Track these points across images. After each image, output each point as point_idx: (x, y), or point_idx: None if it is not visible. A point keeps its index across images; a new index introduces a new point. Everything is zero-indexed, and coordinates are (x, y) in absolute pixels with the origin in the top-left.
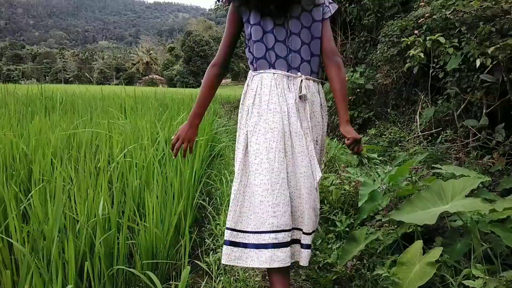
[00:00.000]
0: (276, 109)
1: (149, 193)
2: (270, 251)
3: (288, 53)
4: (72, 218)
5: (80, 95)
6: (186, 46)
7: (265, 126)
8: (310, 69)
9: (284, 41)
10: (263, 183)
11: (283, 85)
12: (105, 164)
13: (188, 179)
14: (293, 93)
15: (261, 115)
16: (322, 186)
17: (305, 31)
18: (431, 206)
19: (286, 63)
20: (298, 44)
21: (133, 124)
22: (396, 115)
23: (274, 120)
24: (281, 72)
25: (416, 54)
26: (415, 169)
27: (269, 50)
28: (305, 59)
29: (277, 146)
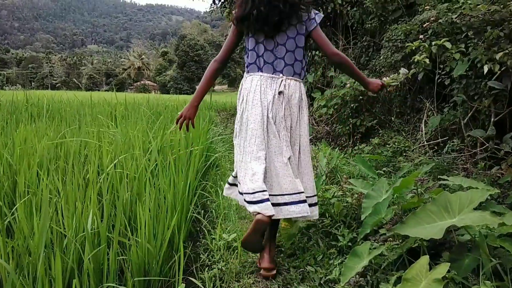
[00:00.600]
0: (257, 104)
1: (141, 206)
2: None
3: (274, 60)
4: (59, 232)
5: (68, 102)
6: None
7: (249, 118)
8: (293, 71)
9: (272, 50)
10: (246, 160)
11: (266, 85)
12: (94, 176)
13: (182, 191)
14: (273, 90)
15: (247, 109)
16: (323, 199)
17: (290, 41)
18: (437, 220)
19: (272, 67)
20: (283, 52)
21: (124, 133)
22: (400, 124)
23: (256, 112)
24: (267, 75)
25: (421, 59)
26: (420, 181)
27: (259, 57)
28: (288, 63)
29: (257, 133)
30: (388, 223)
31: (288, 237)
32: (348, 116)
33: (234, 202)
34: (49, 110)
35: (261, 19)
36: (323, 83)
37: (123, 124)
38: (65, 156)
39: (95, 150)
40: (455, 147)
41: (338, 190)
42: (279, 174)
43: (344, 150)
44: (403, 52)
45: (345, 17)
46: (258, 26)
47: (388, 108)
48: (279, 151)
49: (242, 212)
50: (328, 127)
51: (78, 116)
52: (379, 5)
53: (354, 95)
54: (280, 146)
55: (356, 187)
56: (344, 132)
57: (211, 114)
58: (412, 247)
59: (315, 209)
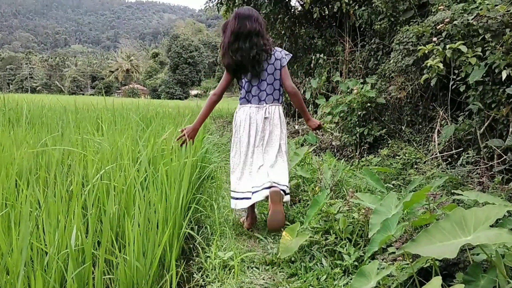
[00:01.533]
0: (246, 130)
1: (130, 220)
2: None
3: (259, 92)
4: (40, 249)
5: (50, 107)
6: (172, 52)
7: (240, 140)
8: (273, 98)
9: (257, 85)
10: (237, 171)
11: (255, 112)
12: (78, 187)
13: (174, 205)
14: (260, 115)
15: (240, 135)
16: (328, 214)
17: (270, 76)
18: (451, 238)
19: (258, 98)
20: (265, 86)
21: (111, 141)
22: (411, 133)
23: (244, 131)
24: (254, 105)
25: (435, 64)
26: (433, 195)
27: (247, 93)
28: (269, 93)
29: (244, 143)
30: (398, 241)
31: (286, 250)
32: (355, 125)
33: (230, 217)
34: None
35: (244, 67)
36: (328, 89)
37: (110, 131)
38: (47, 165)
39: (80, 159)
40: (470, 159)
41: (344, 205)
42: (256, 175)
43: (350, 161)
44: (415, 56)
45: (353, 17)
46: (244, 71)
47: (398, 116)
48: (256, 163)
49: (239, 229)
50: (333, 137)
51: (60, 122)
52: (389, 4)
53: (362, 102)
54: (257, 159)
55: (363, 201)
56: (350, 142)
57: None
58: (423, 267)
59: (287, 196)
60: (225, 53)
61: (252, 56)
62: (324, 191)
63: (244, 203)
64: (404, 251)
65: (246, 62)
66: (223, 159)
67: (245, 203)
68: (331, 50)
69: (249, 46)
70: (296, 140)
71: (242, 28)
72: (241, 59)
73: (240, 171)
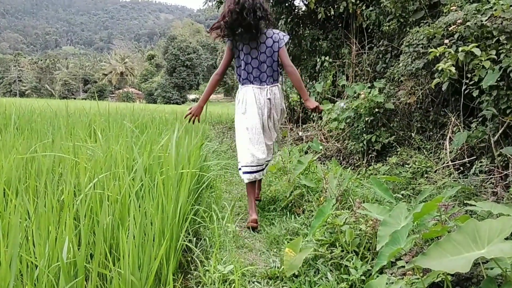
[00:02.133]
0: (254, 105)
1: (124, 232)
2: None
3: (260, 74)
4: (30, 262)
5: (40, 112)
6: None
7: (249, 114)
8: (273, 79)
9: (257, 67)
10: (247, 142)
11: (258, 92)
12: (70, 197)
13: (171, 216)
14: (263, 96)
15: (246, 109)
16: (333, 225)
17: (269, 59)
18: (463, 251)
19: (259, 79)
20: (265, 68)
21: (105, 148)
22: (421, 141)
23: (253, 111)
24: (256, 86)
25: (446, 68)
26: (444, 206)
27: (249, 74)
28: (269, 75)
29: (257, 124)
30: (408, 254)
31: (290, 267)
32: (362, 132)
33: (230, 229)
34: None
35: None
36: (334, 93)
37: (104, 138)
38: (37, 174)
39: (71, 167)
40: (483, 168)
41: (350, 216)
42: (266, 152)
43: (357, 170)
44: (426, 58)
45: (360, 18)
46: (241, 38)
47: (408, 122)
48: (268, 137)
49: (240, 241)
50: (339, 144)
51: (51, 128)
52: (398, 4)
53: (369, 107)
54: (269, 135)
55: (371, 212)
56: (357, 150)
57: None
58: (434, 282)
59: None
60: (225, 17)
61: (254, 29)
62: (329, 202)
63: (260, 173)
64: (414, 265)
65: (250, 34)
66: (222, 167)
67: (260, 174)
68: (337, 52)
69: (252, 17)
70: (300, 147)
71: None
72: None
73: (255, 144)
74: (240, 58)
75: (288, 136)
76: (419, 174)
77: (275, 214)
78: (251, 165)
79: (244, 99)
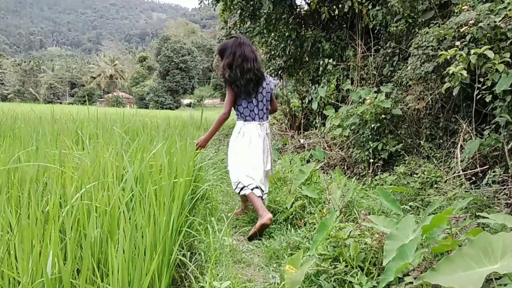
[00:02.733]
0: (258, 139)
1: (114, 246)
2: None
3: (258, 112)
4: (12, 278)
5: (23, 117)
6: (162, 56)
7: (254, 147)
8: (267, 117)
9: (257, 105)
10: (250, 167)
11: (259, 128)
12: (55, 208)
13: (164, 229)
14: (263, 131)
15: (252, 141)
16: (337, 239)
17: (265, 99)
18: (475, 266)
19: (259, 116)
20: (263, 106)
21: (93, 156)
22: (430, 149)
23: (259, 144)
24: (258, 122)
25: (457, 71)
26: (455, 218)
27: (251, 111)
28: (265, 112)
29: (260, 155)
30: (416, 269)
31: (292, 284)
32: (367, 139)
33: (227, 242)
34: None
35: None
36: (338, 98)
37: (92, 145)
38: (20, 183)
39: (57, 176)
40: (497, 177)
41: (355, 229)
42: (266, 179)
43: (362, 180)
44: (435, 61)
45: (365, 18)
46: (246, 90)
47: (416, 129)
48: (266, 165)
49: (237, 255)
50: (343, 152)
51: (35, 134)
52: (406, 4)
53: (375, 113)
54: (266, 162)
55: (377, 225)
56: (362, 158)
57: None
58: None
59: None
60: (231, 73)
61: (256, 77)
62: (332, 214)
63: (260, 191)
64: (423, 281)
65: (252, 81)
66: (218, 177)
67: (260, 191)
68: (341, 54)
69: (254, 68)
70: (302, 155)
71: (247, 53)
72: (249, 77)
73: (257, 169)
74: (241, 98)
75: (289, 143)
76: (428, 185)
77: (275, 227)
78: (254, 183)
79: (248, 133)
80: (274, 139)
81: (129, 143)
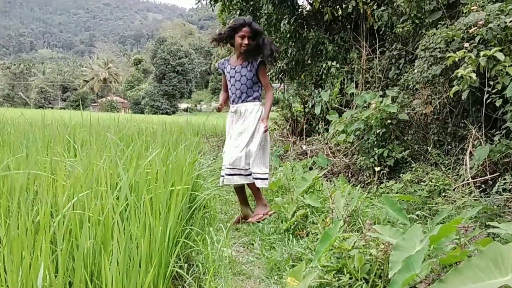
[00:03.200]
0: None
1: (107, 257)
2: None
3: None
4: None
5: (12, 123)
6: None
7: None
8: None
9: None
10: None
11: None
12: (47, 218)
13: (160, 240)
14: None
15: None
16: (341, 250)
17: None
18: (485, 278)
19: None
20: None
21: (86, 164)
22: (438, 155)
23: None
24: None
25: (466, 74)
26: (464, 228)
27: None
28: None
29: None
30: (423, 281)
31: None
32: (372, 145)
33: (226, 253)
34: None
35: None
36: (341, 103)
37: (85, 152)
38: (9, 192)
39: (48, 185)
40: (507, 185)
41: (360, 240)
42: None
43: (367, 188)
44: (443, 64)
45: (370, 18)
46: None
47: (424, 135)
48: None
49: (237, 267)
50: (347, 159)
51: (25, 141)
52: (413, 4)
53: (381, 118)
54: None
55: (382, 235)
56: (367, 166)
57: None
58: None
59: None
60: None
61: None
62: (336, 223)
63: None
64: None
65: None
66: (217, 185)
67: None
68: (345, 57)
69: None
70: (304, 163)
71: None
72: None
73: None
74: None
75: (291, 150)
76: (436, 193)
77: (276, 237)
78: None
79: None
80: (275, 146)
81: (123, 150)
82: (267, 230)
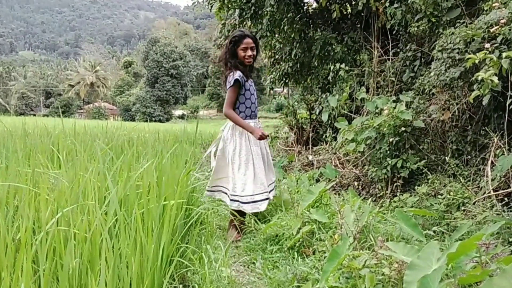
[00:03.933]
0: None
1: (94, 278)
2: None
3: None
4: None
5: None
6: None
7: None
8: None
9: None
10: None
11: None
12: (28, 235)
13: (152, 258)
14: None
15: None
16: (350, 269)
17: None
18: None
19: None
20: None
21: (71, 176)
22: (457, 166)
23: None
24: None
25: (487, 77)
26: (485, 245)
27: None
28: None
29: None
30: None
31: None
32: (385, 155)
33: (225, 273)
34: None
35: None
36: (351, 109)
37: (70, 163)
38: None
39: (30, 199)
40: None
41: (371, 258)
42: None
43: (379, 201)
44: (462, 66)
45: (383, 17)
46: None
47: (441, 144)
48: None
49: (236, 286)
50: (357, 170)
51: (5, 151)
52: (429, 1)
53: (394, 125)
54: None
55: (395, 253)
56: (379, 177)
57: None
58: None
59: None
60: None
61: None
62: (345, 240)
63: (266, 203)
64: None
65: None
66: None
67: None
68: (355, 58)
69: None
70: (310, 174)
71: None
72: None
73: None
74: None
75: (296, 160)
76: (455, 207)
77: (279, 256)
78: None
79: None
80: (278, 155)
81: (112, 160)
82: (269, 248)
